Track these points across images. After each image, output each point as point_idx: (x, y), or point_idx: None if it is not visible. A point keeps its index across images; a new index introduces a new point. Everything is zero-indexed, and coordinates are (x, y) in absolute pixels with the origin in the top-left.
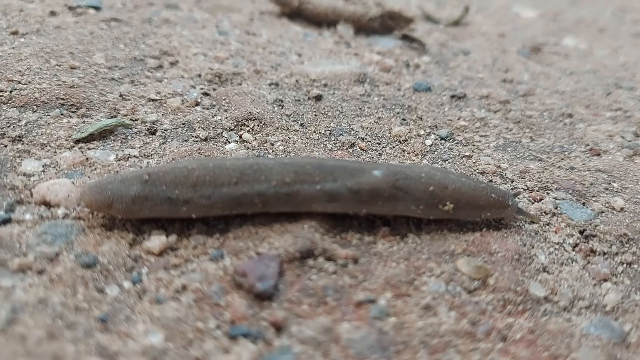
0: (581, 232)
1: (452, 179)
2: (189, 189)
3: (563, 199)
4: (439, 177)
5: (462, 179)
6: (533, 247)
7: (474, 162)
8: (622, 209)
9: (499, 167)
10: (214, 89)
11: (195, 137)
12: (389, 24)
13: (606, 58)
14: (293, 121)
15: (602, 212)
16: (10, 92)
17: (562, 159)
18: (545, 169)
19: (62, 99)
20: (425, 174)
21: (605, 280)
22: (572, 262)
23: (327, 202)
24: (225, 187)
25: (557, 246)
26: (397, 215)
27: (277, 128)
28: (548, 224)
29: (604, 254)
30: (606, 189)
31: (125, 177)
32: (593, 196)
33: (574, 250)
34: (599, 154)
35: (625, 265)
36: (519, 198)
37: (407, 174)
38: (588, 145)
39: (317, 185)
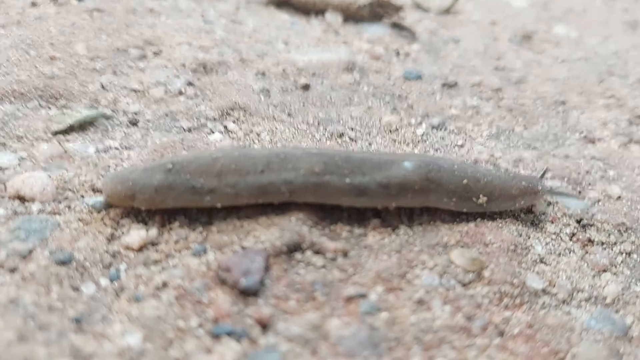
0: (578, 222)
1: (483, 171)
2: (214, 177)
3: (558, 188)
4: (471, 169)
5: (492, 171)
6: (529, 238)
7: (466, 152)
8: (619, 197)
9: (492, 155)
10: (199, 79)
11: (179, 127)
12: (378, 12)
13: (597, 46)
14: (280, 111)
15: (599, 200)
16: None
17: (557, 146)
18: (539, 157)
19: (41, 90)
20: (458, 166)
21: (604, 271)
22: (570, 253)
23: (356, 196)
24: (251, 176)
25: (554, 236)
26: (426, 207)
27: (263, 118)
28: (544, 214)
29: (602, 243)
30: (602, 177)
31: (148, 166)
32: (589, 184)
33: (571, 240)
34: (593, 142)
35: (624, 255)
36: (546, 177)
37: (440, 165)
38: (582, 132)
39: (347, 179)
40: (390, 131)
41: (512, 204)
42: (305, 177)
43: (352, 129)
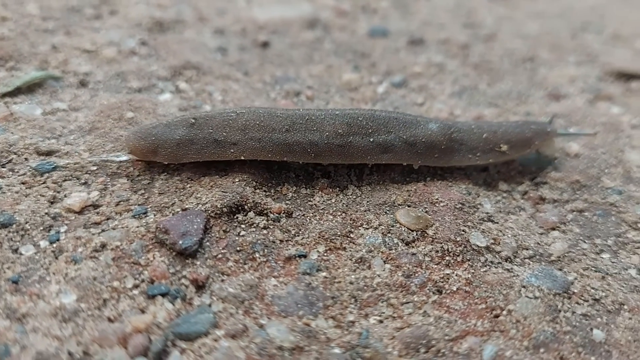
0: (532, 180)
1: (496, 124)
2: (238, 131)
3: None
4: (486, 124)
5: (503, 123)
6: (479, 196)
7: (426, 110)
8: (576, 154)
9: (451, 113)
10: (154, 38)
11: (129, 88)
12: None
13: (575, 1)
14: (236, 70)
15: (555, 158)
16: None
17: (519, 104)
18: (499, 115)
19: None
20: (474, 125)
21: (553, 229)
22: (520, 211)
23: (380, 153)
24: (276, 133)
25: (505, 194)
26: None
27: (217, 77)
28: (498, 172)
29: (555, 201)
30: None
31: (170, 121)
32: None
33: (522, 198)
34: (558, 99)
35: (575, 213)
36: (554, 121)
37: (459, 127)
38: (547, 89)
39: (370, 138)
40: (350, 89)
41: (529, 145)
42: (329, 139)
43: (309, 88)
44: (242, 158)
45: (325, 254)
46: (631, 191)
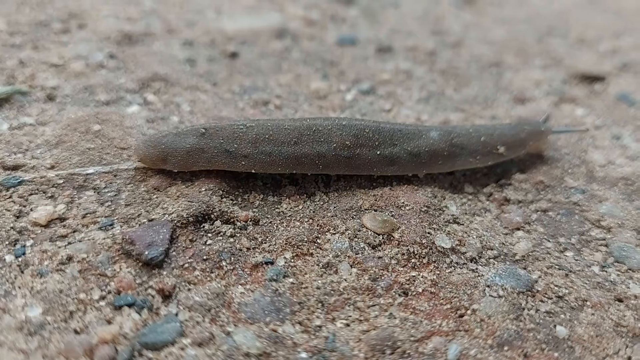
0: (496, 182)
1: (490, 126)
2: (249, 144)
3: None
4: (482, 127)
5: (496, 125)
6: (444, 199)
7: (393, 116)
8: (540, 155)
9: (418, 119)
10: (123, 51)
11: (96, 101)
12: None
13: (541, 6)
14: (205, 81)
15: (520, 160)
16: None
17: (484, 108)
18: (466, 119)
19: None
20: (471, 128)
21: (517, 229)
22: (485, 212)
23: (387, 165)
24: (285, 146)
25: (470, 196)
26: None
27: (186, 88)
28: (464, 175)
29: (519, 202)
30: None
31: (181, 130)
32: None
33: (488, 199)
34: (523, 102)
35: (539, 212)
36: (548, 120)
37: (458, 132)
38: (513, 93)
39: (377, 151)
40: (318, 97)
41: (524, 146)
42: (337, 151)
43: (278, 97)
44: (253, 171)
45: (292, 260)
46: (594, 190)
